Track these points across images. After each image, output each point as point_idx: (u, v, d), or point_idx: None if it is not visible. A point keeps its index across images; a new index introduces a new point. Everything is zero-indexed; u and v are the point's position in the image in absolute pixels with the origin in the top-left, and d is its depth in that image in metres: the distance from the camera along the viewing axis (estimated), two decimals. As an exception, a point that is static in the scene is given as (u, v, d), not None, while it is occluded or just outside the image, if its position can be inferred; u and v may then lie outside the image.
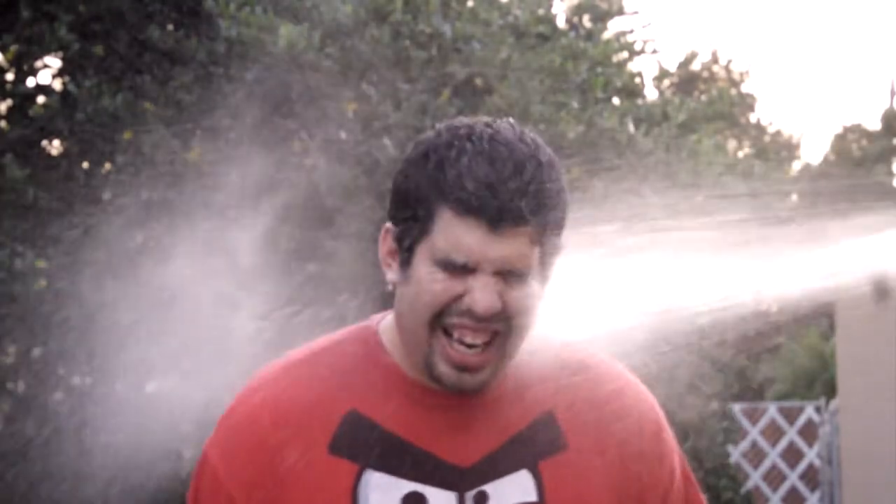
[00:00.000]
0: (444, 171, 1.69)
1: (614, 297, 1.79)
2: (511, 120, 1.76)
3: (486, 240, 1.68)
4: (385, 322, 1.84)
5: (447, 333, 1.73)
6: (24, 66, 7.11)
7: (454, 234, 1.68)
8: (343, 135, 6.85)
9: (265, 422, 1.79)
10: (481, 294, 1.69)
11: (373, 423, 1.78)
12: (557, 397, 1.79)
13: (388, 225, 1.77)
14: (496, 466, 1.78)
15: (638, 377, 1.90)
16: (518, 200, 1.66)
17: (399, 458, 1.77)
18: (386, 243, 1.77)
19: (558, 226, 1.72)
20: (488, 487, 1.78)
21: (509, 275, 1.70)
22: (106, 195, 7.42)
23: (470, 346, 1.72)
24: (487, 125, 1.74)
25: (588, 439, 1.81)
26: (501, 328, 1.72)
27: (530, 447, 1.79)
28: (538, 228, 1.69)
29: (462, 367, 1.73)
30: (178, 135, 6.80)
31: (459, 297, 1.70)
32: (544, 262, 1.72)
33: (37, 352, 8.08)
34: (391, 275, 1.76)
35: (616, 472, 1.82)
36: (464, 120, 1.76)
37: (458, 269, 1.69)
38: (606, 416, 1.83)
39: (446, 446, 1.78)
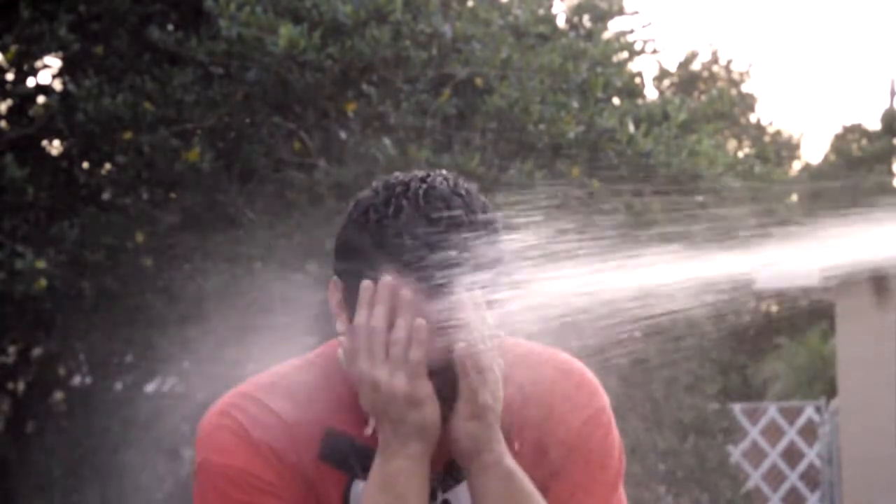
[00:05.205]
0: (384, 232, 1.75)
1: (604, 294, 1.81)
2: (445, 172, 1.82)
3: (427, 299, 1.74)
4: (341, 352, 1.88)
5: None
6: (24, 66, 7.10)
7: (396, 293, 1.75)
8: (343, 135, 6.85)
9: (255, 433, 1.85)
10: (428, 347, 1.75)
11: (350, 437, 1.85)
12: (505, 397, 1.83)
13: (336, 279, 1.83)
14: (453, 474, 1.86)
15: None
16: (452, 264, 1.72)
17: None
18: (334, 296, 1.83)
19: (498, 268, 1.76)
20: (449, 495, 1.87)
21: (452, 325, 1.75)
22: (106, 195, 7.42)
23: None
24: (423, 180, 1.79)
25: (519, 429, 1.87)
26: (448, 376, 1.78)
27: None
28: (473, 283, 1.74)
29: None
30: (178, 135, 6.80)
31: None
32: (491, 302, 1.77)
33: (37, 352, 8.09)
34: (341, 326, 1.82)
35: (541, 455, 1.87)
36: (399, 176, 1.82)
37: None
38: (540, 406, 1.88)
39: None
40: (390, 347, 1.75)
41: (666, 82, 24.81)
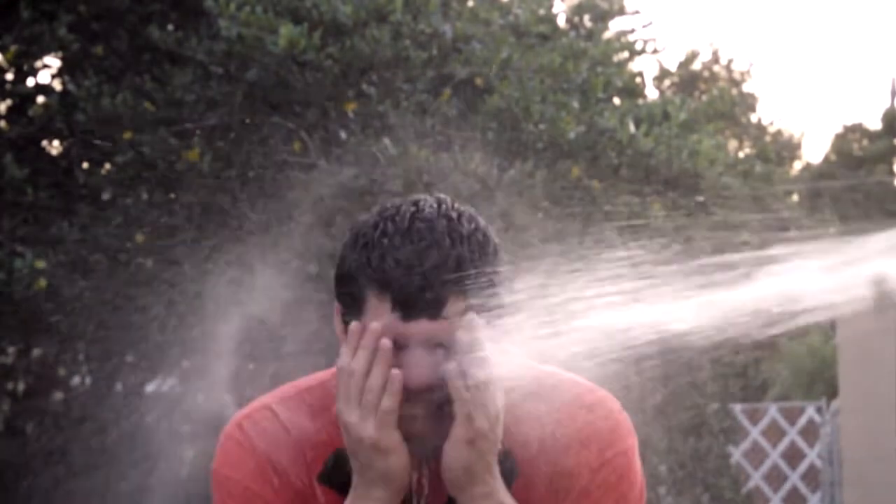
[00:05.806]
0: (368, 254, 1.77)
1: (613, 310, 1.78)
2: (441, 196, 1.83)
3: (408, 319, 1.74)
4: None
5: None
6: (24, 66, 7.10)
7: (378, 314, 1.75)
8: (343, 135, 6.84)
9: (261, 448, 1.88)
10: (411, 370, 1.75)
11: None
12: (514, 426, 1.82)
13: (337, 304, 1.84)
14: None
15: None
16: (434, 284, 1.72)
17: None
18: (337, 322, 1.84)
19: (485, 291, 1.75)
20: None
21: (440, 346, 1.75)
22: (106, 195, 7.42)
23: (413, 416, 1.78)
24: (414, 203, 1.80)
25: (535, 463, 1.85)
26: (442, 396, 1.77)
27: None
28: (459, 303, 1.73)
29: (406, 437, 1.79)
30: (178, 135, 6.80)
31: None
32: (480, 321, 1.75)
33: (37, 352, 8.08)
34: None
35: (555, 492, 1.85)
36: (395, 200, 1.84)
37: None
38: (557, 441, 1.85)
39: (423, 483, 1.85)
40: (364, 394, 1.75)
41: (666, 82, 24.85)
